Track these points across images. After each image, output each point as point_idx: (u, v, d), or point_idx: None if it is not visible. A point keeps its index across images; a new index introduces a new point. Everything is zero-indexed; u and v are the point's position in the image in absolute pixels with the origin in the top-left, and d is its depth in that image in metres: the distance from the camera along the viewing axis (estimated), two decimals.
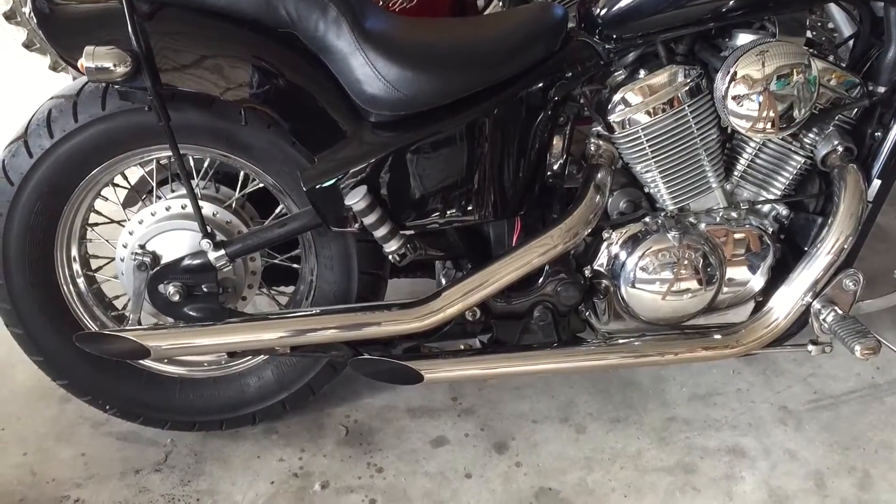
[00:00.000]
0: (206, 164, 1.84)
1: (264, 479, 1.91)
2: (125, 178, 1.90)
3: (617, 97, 1.68)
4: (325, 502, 1.84)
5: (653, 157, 1.70)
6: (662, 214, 1.75)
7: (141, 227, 1.77)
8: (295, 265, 1.92)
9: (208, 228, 1.68)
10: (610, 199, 1.79)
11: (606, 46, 1.67)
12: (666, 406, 2.10)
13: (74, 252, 1.83)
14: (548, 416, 2.06)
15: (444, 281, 1.84)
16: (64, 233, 1.78)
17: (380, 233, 1.61)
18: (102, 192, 1.82)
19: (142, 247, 1.74)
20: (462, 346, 1.81)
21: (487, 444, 1.99)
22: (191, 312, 1.72)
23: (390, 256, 1.65)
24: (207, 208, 1.77)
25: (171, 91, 1.57)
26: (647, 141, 1.68)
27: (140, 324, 1.75)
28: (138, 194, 1.90)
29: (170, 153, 1.66)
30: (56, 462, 1.96)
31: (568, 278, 1.76)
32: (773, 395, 2.13)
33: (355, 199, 1.57)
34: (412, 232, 1.68)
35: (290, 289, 1.98)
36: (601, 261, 1.78)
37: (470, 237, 1.78)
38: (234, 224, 1.78)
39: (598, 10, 1.66)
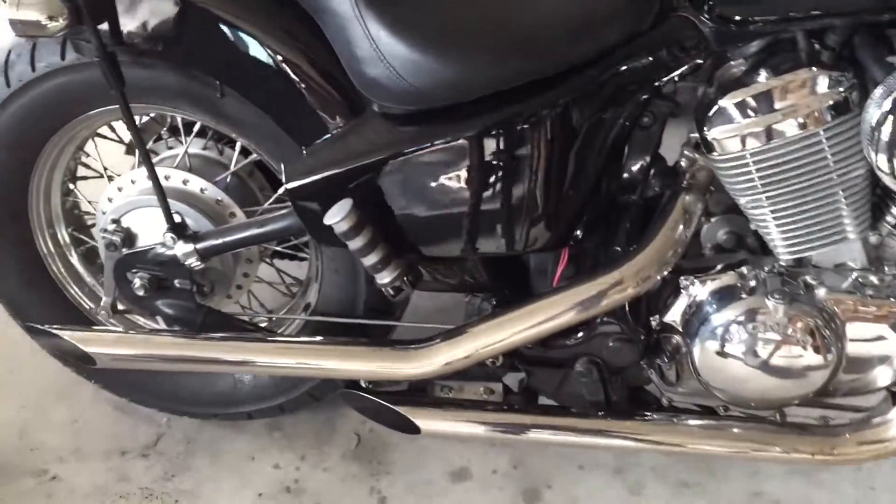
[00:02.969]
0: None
1: (252, 488, 1.66)
2: (112, 129, 1.60)
3: (723, 103, 1.18)
4: None
5: (764, 192, 1.20)
6: (768, 268, 1.26)
7: (119, 195, 1.48)
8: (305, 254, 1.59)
9: (178, 218, 1.37)
10: (706, 227, 1.32)
11: (720, 29, 1.17)
12: (754, 476, 1.66)
13: (56, 210, 1.58)
14: (598, 464, 1.68)
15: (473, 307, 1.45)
16: (39, 190, 1.53)
17: (368, 260, 1.23)
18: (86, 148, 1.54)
19: (115, 221, 1.46)
20: (482, 391, 1.44)
21: (516, 490, 1.64)
22: (164, 309, 1.44)
23: (383, 290, 1.28)
24: (195, 182, 1.44)
25: (121, 51, 1.22)
26: (757, 171, 1.19)
27: (115, 311, 1.49)
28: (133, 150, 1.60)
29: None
30: (47, 425, 1.80)
31: (622, 332, 1.33)
32: None
33: (335, 218, 1.19)
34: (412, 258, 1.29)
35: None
36: (675, 312, 1.32)
37: (497, 266, 1.37)
38: (224, 204, 1.46)
39: None
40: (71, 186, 1.58)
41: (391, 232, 1.25)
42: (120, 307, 1.49)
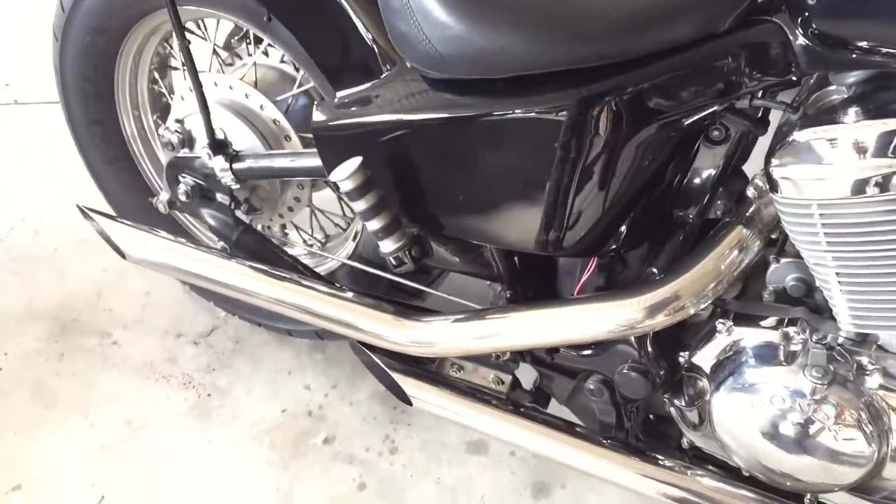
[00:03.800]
0: None
1: (278, 403, 1.69)
2: (198, 26, 1.58)
3: (798, 137, 0.96)
4: (317, 461, 1.59)
5: (830, 251, 0.99)
6: (818, 337, 1.06)
7: (189, 96, 1.47)
8: None
9: (218, 133, 1.34)
10: (774, 266, 1.13)
11: (814, 48, 0.94)
12: None
13: (143, 96, 1.60)
14: None
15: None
16: (125, 73, 1.55)
17: (371, 225, 1.15)
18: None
19: (179, 121, 1.46)
20: (492, 378, 1.34)
21: (528, 479, 1.56)
22: (205, 217, 1.45)
23: (386, 258, 1.20)
24: (255, 98, 1.41)
25: None
26: (823, 227, 0.97)
27: (171, 206, 1.51)
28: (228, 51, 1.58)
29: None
30: (124, 292, 1.90)
31: (638, 361, 1.18)
32: None
33: (341, 176, 1.11)
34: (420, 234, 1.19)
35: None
36: (705, 355, 1.15)
37: (518, 258, 1.24)
38: (281, 126, 1.41)
39: None
40: (156, 75, 1.59)
41: (402, 200, 1.16)
42: (176, 204, 1.51)
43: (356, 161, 1.11)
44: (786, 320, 1.09)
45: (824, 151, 0.95)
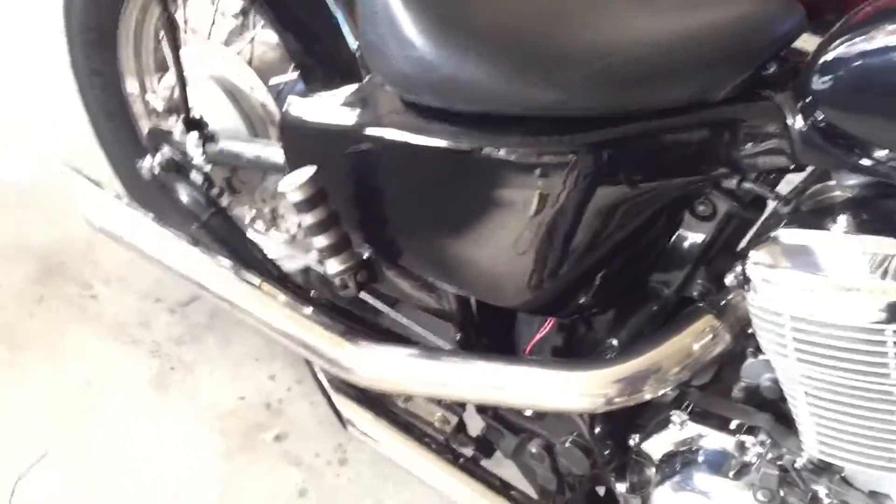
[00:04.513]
0: None
1: (238, 389, 1.64)
2: None
3: (779, 236, 0.84)
4: (264, 458, 1.54)
5: (799, 369, 0.87)
6: (774, 455, 0.94)
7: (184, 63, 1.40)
8: None
9: (193, 112, 1.27)
10: (751, 361, 0.99)
11: (812, 140, 0.81)
12: None
13: (147, 58, 1.54)
14: None
15: None
16: (128, 34, 1.49)
17: (316, 242, 1.06)
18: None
19: (168, 88, 1.39)
20: (439, 416, 1.24)
21: None
22: (177, 191, 1.38)
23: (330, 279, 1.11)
24: (246, 78, 1.33)
25: None
26: (794, 341, 0.85)
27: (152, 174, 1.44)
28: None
29: None
30: (113, 246, 1.85)
31: (581, 437, 1.08)
32: None
33: (290, 185, 1.02)
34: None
35: None
36: (655, 444, 1.04)
37: (475, 301, 1.14)
38: (268, 111, 1.33)
39: (813, 73, 0.79)
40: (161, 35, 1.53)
41: (356, 219, 1.07)
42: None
43: (308, 171, 1.03)
44: (745, 427, 0.97)
45: (807, 259, 0.83)
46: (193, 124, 1.28)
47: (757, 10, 0.87)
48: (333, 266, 1.08)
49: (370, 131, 1.02)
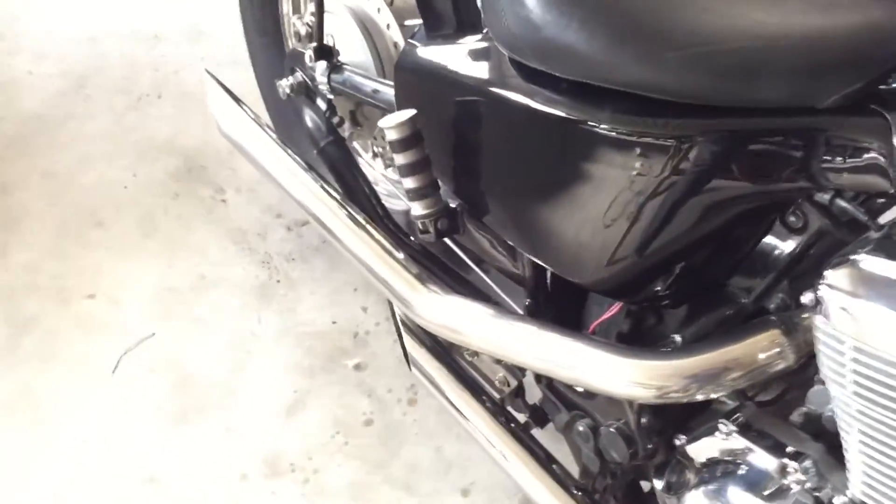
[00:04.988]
0: None
1: (332, 314, 1.71)
2: None
3: (861, 259, 0.79)
4: (340, 383, 1.60)
5: (855, 402, 0.82)
6: (817, 487, 0.90)
7: None
8: None
9: (327, 40, 1.31)
10: (817, 388, 0.95)
11: None
12: None
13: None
14: None
15: None
16: None
17: (406, 183, 1.09)
18: None
19: (314, 14, 1.44)
20: (500, 376, 1.26)
21: None
22: (302, 115, 1.44)
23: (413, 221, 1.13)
24: (384, 16, 1.36)
25: None
26: (854, 373, 0.80)
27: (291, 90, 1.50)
28: None
29: None
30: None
31: (626, 426, 1.06)
32: None
33: (389, 123, 1.05)
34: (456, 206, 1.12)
35: None
36: (700, 448, 1.01)
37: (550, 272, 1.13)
38: (399, 51, 1.36)
39: None
40: None
41: (447, 168, 1.09)
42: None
43: (408, 113, 1.05)
44: (793, 452, 0.93)
45: (882, 290, 0.77)
46: (324, 52, 1.32)
47: (884, 20, 0.81)
48: (417, 209, 1.10)
49: (472, 85, 1.03)
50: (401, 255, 1.22)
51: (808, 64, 0.80)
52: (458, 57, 1.06)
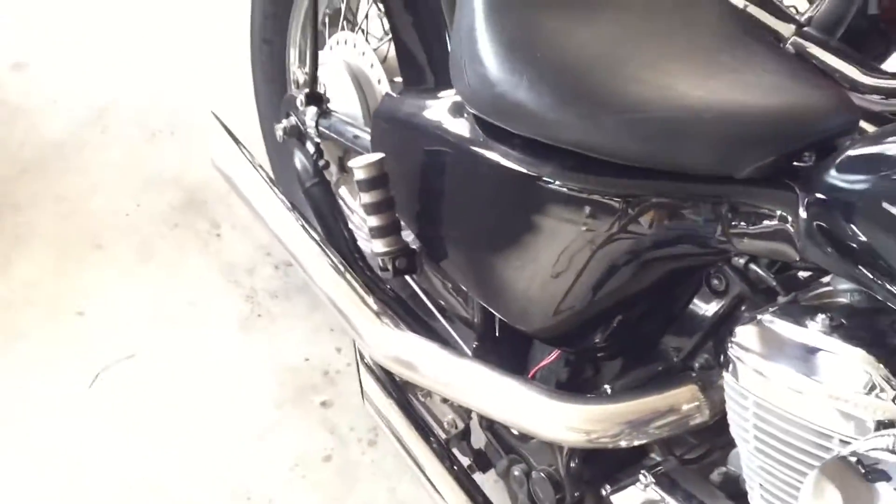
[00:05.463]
0: None
1: (306, 351, 1.77)
2: None
3: (766, 320, 0.85)
4: (306, 418, 1.65)
5: (756, 457, 0.87)
6: None
7: (338, 47, 1.55)
8: None
9: (319, 88, 1.41)
10: (736, 451, 1.00)
11: (815, 237, 0.81)
12: None
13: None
14: None
15: None
16: (300, 9, 1.66)
17: (369, 221, 1.16)
18: None
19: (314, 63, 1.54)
20: (449, 419, 1.30)
21: None
22: (295, 158, 1.52)
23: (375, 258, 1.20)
24: (377, 71, 1.45)
25: None
26: (755, 427, 0.85)
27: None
28: None
29: None
30: None
31: (555, 473, 1.10)
32: None
33: (358, 164, 1.13)
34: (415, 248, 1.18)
35: None
36: (625, 496, 1.05)
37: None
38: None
39: (827, 171, 0.79)
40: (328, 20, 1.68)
41: (410, 211, 1.16)
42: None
43: (377, 156, 1.13)
44: None
45: (783, 350, 0.83)
46: (315, 98, 1.41)
47: (808, 102, 0.88)
48: (378, 246, 1.17)
49: (438, 135, 1.10)
50: (363, 291, 1.29)
51: (728, 136, 0.87)
52: (429, 109, 1.14)
